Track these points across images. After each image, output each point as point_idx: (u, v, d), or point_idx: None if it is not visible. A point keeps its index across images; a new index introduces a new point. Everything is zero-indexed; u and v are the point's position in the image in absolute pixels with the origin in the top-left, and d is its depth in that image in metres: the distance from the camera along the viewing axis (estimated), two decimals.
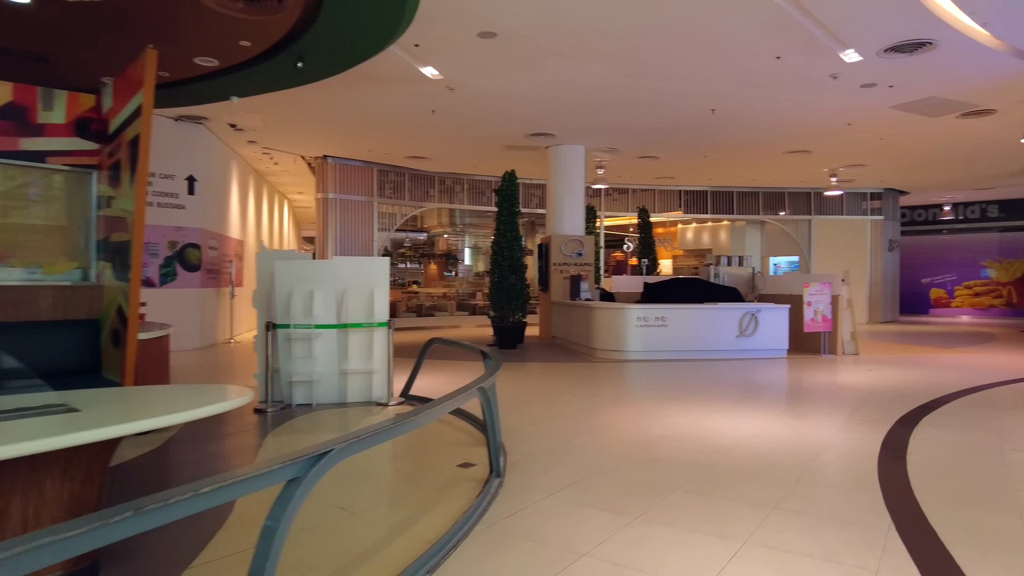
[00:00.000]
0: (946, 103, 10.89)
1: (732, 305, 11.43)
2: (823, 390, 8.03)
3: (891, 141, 13.61)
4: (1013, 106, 11.06)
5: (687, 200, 19.52)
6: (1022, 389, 8.00)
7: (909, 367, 10.02)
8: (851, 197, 19.79)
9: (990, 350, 12.38)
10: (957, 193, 21.08)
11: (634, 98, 10.78)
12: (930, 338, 14.90)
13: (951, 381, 8.51)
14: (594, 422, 6.12)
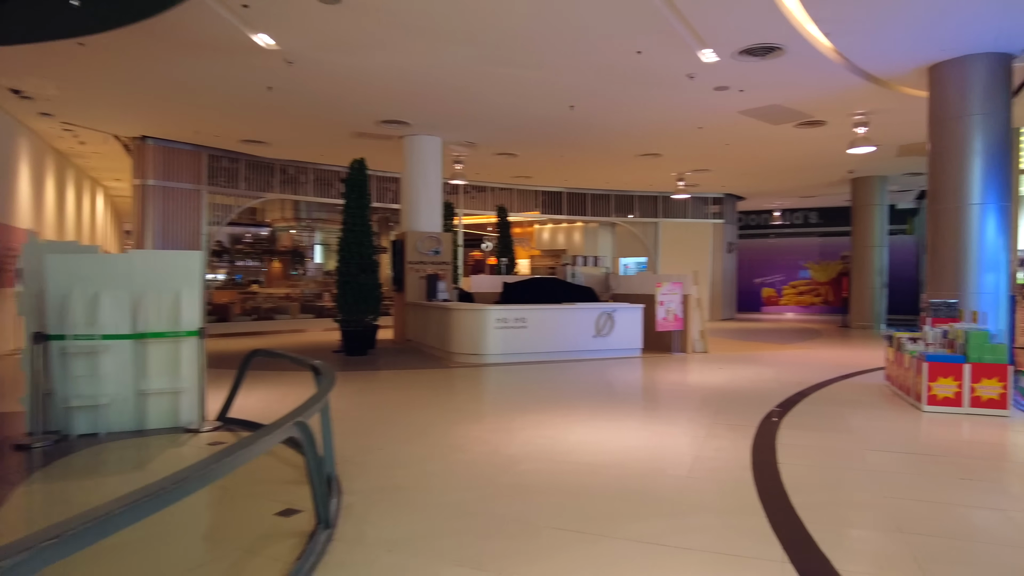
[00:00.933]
0: (786, 112, 11.42)
1: (590, 305, 11.23)
2: (683, 392, 7.90)
3: (735, 147, 14.21)
4: (841, 119, 11.83)
5: (544, 200, 19.43)
6: (854, 384, 8.38)
7: (755, 364, 10.32)
8: (695, 202, 20.76)
9: (818, 345, 13.26)
10: (786, 200, 22.89)
11: (494, 88, 10.19)
12: (766, 334, 15.84)
13: (795, 378, 8.78)
14: (449, 441, 5.37)
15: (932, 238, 9.19)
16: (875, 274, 17.87)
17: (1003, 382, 6.39)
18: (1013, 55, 8.60)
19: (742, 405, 6.97)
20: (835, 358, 11.18)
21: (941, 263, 9.02)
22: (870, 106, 11.04)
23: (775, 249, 24.75)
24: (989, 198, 8.60)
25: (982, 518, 3.65)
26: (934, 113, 9.14)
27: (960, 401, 6.48)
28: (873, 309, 17.81)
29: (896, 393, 7.54)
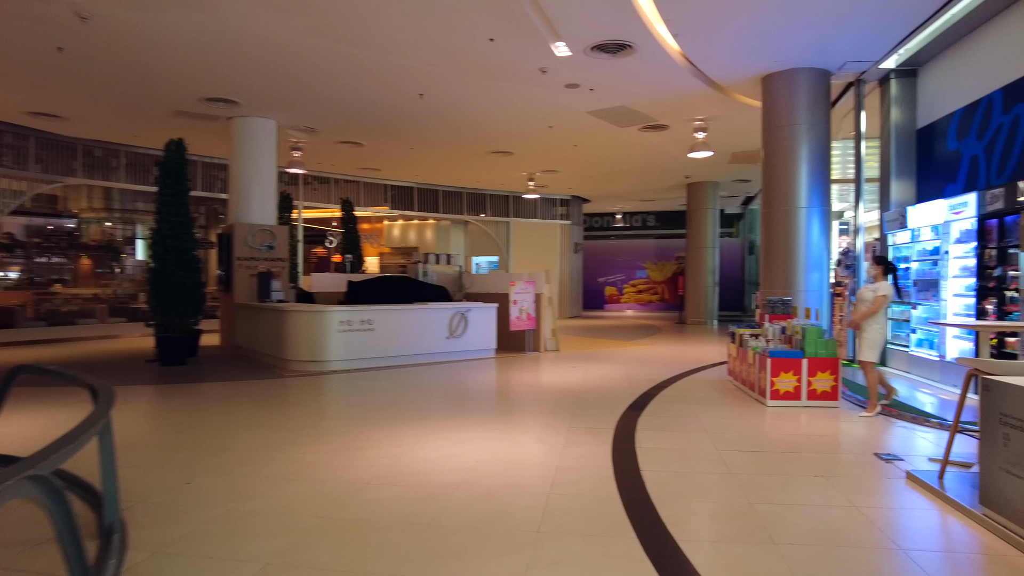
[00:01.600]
0: (633, 114, 11.63)
1: (442, 305, 10.69)
2: (538, 394, 7.59)
3: (583, 148, 14.36)
4: (682, 124, 12.30)
5: (394, 195, 18.57)
6: (699, 380, 8.59)
7: (606, 362, 10.35)
8: (544, 202, 20.97)
9: (660, 341, 13.76)
10: (627, 203, 23.89)
11: (334, 68, 9.29)
12: (612, 331, 16.26)
13: (645, 375, 8.85)
14: (278, 469, 4.56)
15: (765, 239, 9.71)
16: (708, 273, 19.07)
17: (834, 375, 6.74)
18: (831, 72, 9.30)
19: (597, 406, 6.78)
20: (678, 354, 11.57)
21: (773, 262, 9.55)
22: (709, 112, 11.54)
23: (617, 250, 25.78)
24: (814, 202, 9.21)
25: (842, 519, 3.58)
26: (767, 121, 9.66)
27: (799, 395, 6.74)
28: (706, 306, 19.00)
29: (739, 388, 7.78)
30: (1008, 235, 6.78)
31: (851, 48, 8.45)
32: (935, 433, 5.55)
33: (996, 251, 6.90)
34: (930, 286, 8.25)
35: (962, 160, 8.24)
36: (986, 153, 7.74)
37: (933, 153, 9.01)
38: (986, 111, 7.75)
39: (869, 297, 6.37)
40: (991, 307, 7.02)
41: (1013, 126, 7.26)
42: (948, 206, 7.74)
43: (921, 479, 4.17)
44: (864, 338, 6.42)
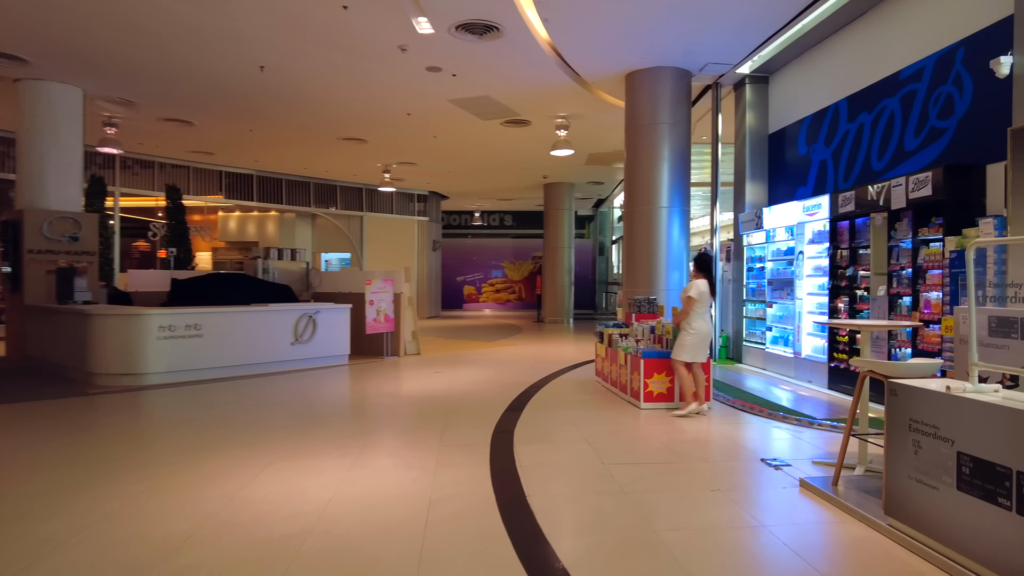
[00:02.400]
0: (496, 106, 11.14)
1: (286, 306, 9.50)
2: (400, 406, 6.80)
3: (444, 140, 13.68)
4: (545, 120, 12.02)
5: (229, 183, 16.67)
6: (568, 382, 8.24)
7: (471, 365, 9.75)
8: (400, 197, 20.02)
9: (523, 341, 13.43)
10: (485, 202, 23.54)
11: (155, 27, 7.83)
12: (472, 331, 15.73)
13: (513, 378, 8.36)
14: (57, 530, 3.42)
15: (628, 238, 9.63)
16: (564, 273, 19.18)
17: (706, 374, 6.62)
18: (692, 73, 9.40)
19: (468, 416, 6.14)
20: (542, 354, 11.26)
21: (636, 261, 9.47)
22: (572, 109, 11.34)
23: (475, 249, 25.39)
24: (675, 202, 9.23)
25: (756, 543, 3.22)
26: (630, 120, 9.57)
27: (672, 396, 6.55)
28: (563, 305, 19.09)
29: (610, 390, 7.51)
30: (858, 236, 7.07)
31: (714, 49, 8.54)
32: (809, 432, 5.53)
33: (848, 251, 7.18)
34: (784, 285, 8.54)
35: (812, 165, 8.61)
36: (834, 158, 8.11)
37: (784, 157, 9.39)
38: (833, 119, 8.13)
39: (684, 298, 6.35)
40: (842, 305, 7.31)
41: (857, 134, 7.63)
42: (802, 208, 8.01)
43: (816, 487, 3.97)
44: (678, 338, 6.37)
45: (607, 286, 24.95)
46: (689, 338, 6.18)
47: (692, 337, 6.18)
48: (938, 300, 5.90)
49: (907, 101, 6.79)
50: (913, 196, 6.07)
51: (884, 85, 7.15)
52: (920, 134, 6.60)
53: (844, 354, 7.20)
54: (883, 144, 7.18)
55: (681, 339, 6.22)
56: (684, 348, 6.19)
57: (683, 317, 6.25)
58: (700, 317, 6.22)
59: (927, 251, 6.01)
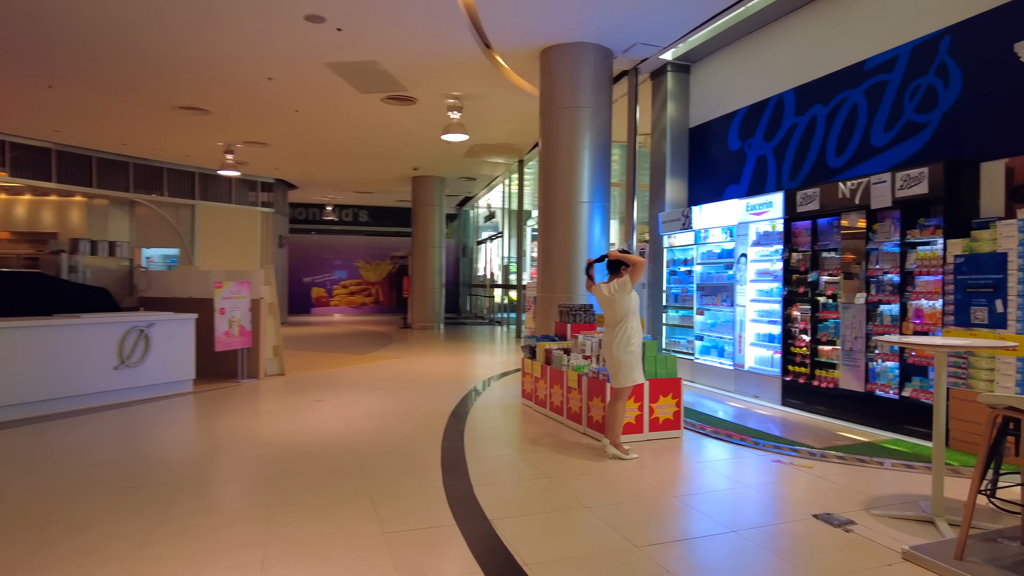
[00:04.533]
0: (382, 76, 9.38)
1: (107, 317, 7.07)
2: (292, 460, 4.93)
3: (307, 116, 11.55)
4: (433, 99, 10.46)
5: (17, 158, 13.04)
6: (494, 409, 6.80)
7: (356, 388, 7.93)
8: (242, 184, 17.23)
9: (401, 352, 11.70)
10: (339, 195, 21.20)
11: None
12: (335, 341, 13.65)
13: (420, 405, 6.75)
14: None
15: (544, 237, 8.41)
16: (435, 274, 17.62)
17: (676, 399, 5.56)
18: (615, 53, 8.40)
19: (397, 474, 4.50)
20: (433, 369, 9.68)
21: (554, 263, 8.28)
22: (470, 88, 9.90)
23: (325, 246, 22.92)
24: (596, 197, 8.19)
25: None
26: (547, 102, 8.35)
27: (641, 426, 5.39)
28: (434, 309, 17.52)
29: (552, 418, 6.19)
30: (822, 238, 6.42)
31: (647, 27, 7.57)
32: (823, 466, 4.61)
33: (809, 255, 6.51)
34: (720, 290, 7.79)
35: (747, 161, 7.97)
36: (776, 154, 7.49)
37: (709, 153, 8.71)
38: (776, 111, 7.51)
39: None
40: (799, 313, 6.63)
41: (808, 127, 7.04)
42: (746, 207, 7.28)
43: (936, 562, 2.96)
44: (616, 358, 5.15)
45: (471, 288, 23.73)
46: (631, 356, 4.92)
47: (634, 354, 4.94)
48: (933, 309, 5.31)
49: (875, 93, 6.24)
50: (902, 194, 5.45)
51: (845, 75, 6.58)
52: (892, 129, 6.06)
53: (802, 367, 6.52)
54: (843, 139, 6.61)
55: (622, 358, 4.84)
56: (634, 368, 4.92)
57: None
58: (638, 328, 5.02)
59: (919, 255, 5.41)
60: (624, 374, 4.88)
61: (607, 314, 5.02)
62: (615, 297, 4.93)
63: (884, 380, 5.69)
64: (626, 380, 4.89)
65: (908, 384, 5.47)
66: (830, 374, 6.22)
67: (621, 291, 4.92)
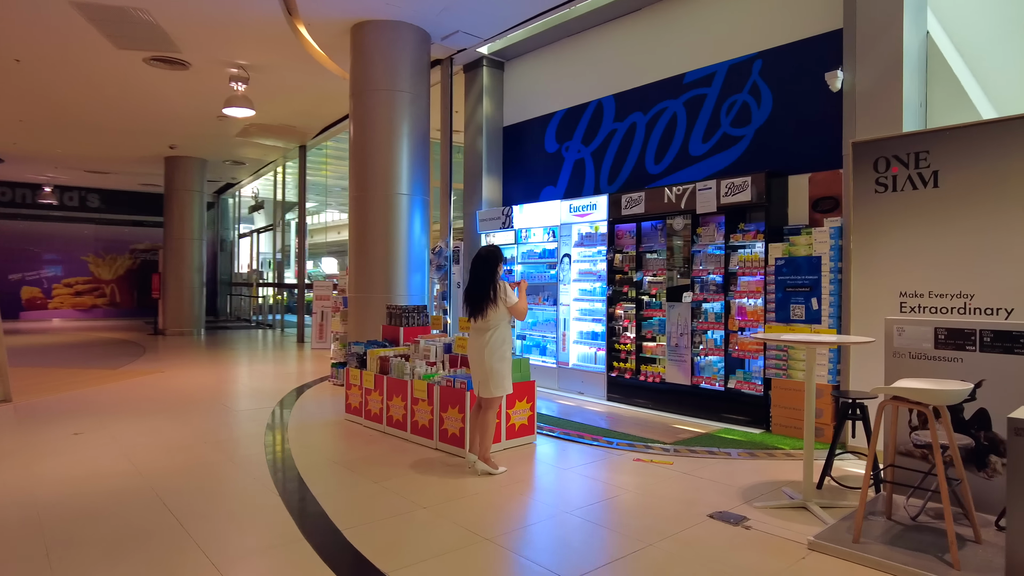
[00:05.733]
0: (150, 30, 7.71)
1: None
2: (44, 537, 3.63)
3: (30, 68, 9.09)
4: (212, 66, 8.96)
5: None
6: (314, 428, 5.91)
7: (121, 415, 6.34)
8: None
9: (161, 363, 9.82)
10: (62, 174, 17.39)
11: None
12: (69, 353, 11.03)
13: (216, 430, 5.61)
14: None
15: (357, 232, 7.68)
16: (194, 272, 15.35)
17: (531, 403, 5.32)
18: (432, 39, 7.96)
19: (239, 527, 3.55)
20: (216, 384, 8.26)
21: (370, 260, 7.61)
22: (259, 57, 8.66)
23: (42, 236, 18.70)
24: (416, 190, 7.69)
25: None
26: (360, 84, 7.65)
27: (498, 434, 5.03)
28: (192, 312, 15.24)
29: (393, 435, 5.54)
30: (646, 240, 6.70)
31: (472, 13, 7.26)
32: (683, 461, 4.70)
33: (633, 256, 6.75)
34: (542, 290, 7.78)
35: (565, 164, 8.07)
36: (595, 158, 7.69)
37: (524, 154, 8.68)
38: (595, 116, 7.71)
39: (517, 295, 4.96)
40: (622, 312, 6.86)
41: (628, 134, 7.33)
42: (569, 207, 7.35)
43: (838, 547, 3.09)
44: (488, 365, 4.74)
45: (231, 287, 21.23)
46: (504, 363, 4.62)
47: (507, 361, 4.64)
48: (755, 307, 5.80)
49: (693, 105, 6.68)
50: (726, 201, 5.88)
51: (665, 86, 6.96)
52: (710, 140, 6.54)
53: (627, 363, 6.75)
54: (662, 147, 6.98)
55: (495, 365, 4.47)
56: (507, 376, 4.62)
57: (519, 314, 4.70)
58: (510, 333, 4.75)
59: (741, 257, 5.87)
60: (496, 383, 4.48)
61: (477, 318, 4.57)
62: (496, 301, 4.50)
63: (709, 373, 6.10)
64: (497, 389, 4.49)
65: (732, 376, 5.92)
66: (655, 369, 6.52)
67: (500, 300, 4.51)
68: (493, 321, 4.51)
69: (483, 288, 4.54)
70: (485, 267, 4.58)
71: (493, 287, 4.52)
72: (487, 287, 4.52)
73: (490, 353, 4.47)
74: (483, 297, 4.52)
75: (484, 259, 4.60)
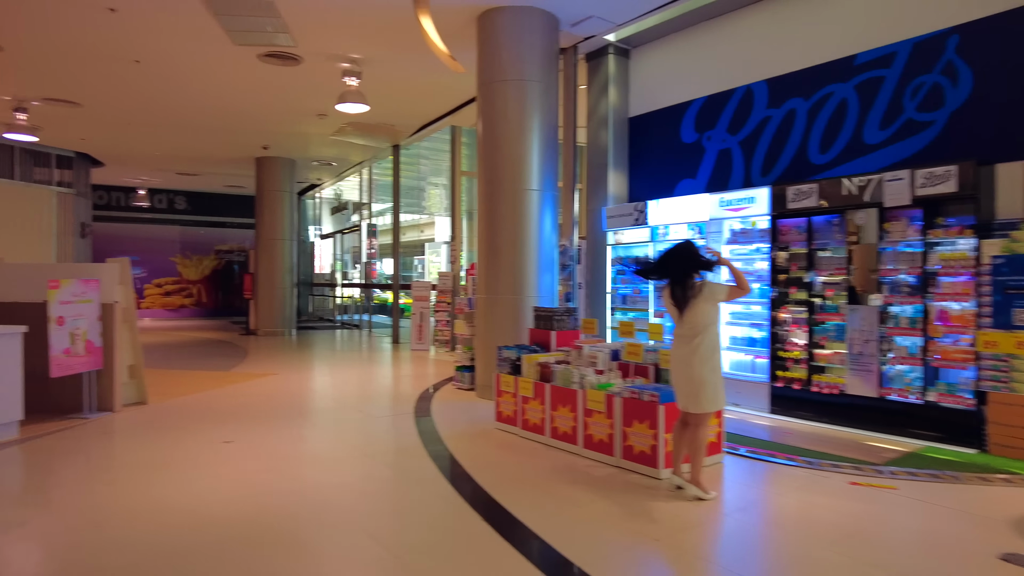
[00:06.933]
0: (271, 24, 7.50)
1: None
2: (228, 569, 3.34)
3: (146, 69, 9.06)
4: (322, 62, 8.73)
5: None
6: (468, 438, 5.54)
7: (261, 421, 6.11)
8: (27, 156, 13.51)
9: (271, 365, 9.69)
10: (155, 176, 17.69)
11: None
12: (175, 354, 11.07)
13: (366, 442, 5.29)
14: None
15: (487, 230, 7.30)
16: (285, 272, 15.35)
17: (719, 418, 4.81)
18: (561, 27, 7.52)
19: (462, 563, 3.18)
20: (335, 388, 8.04)
21: (500, 260, 7.21)
22: (374, 51, 8.38)
23: (135, 238, 19.13)
24: (547, 185, 7.27)
25: None
26: (488, 74, 7.28)
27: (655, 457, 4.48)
28: (284, 313, 15.25)
29: (556, 447, 5.11)
30: (818, 236, 6.10)
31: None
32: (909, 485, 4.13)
33: (805, 254, 6.15)
34: None
35: (706, 155, 7.52)
36: (744, 148, 7.12)
37: (654, 145, 8.16)
38: (744, 103, 7.13)
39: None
40: (789, 315, 6.27)
41: (785, 121, 6.73)
42: (719, 201, 6.80)
43: None
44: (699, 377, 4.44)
45: (311, 288, 21.33)
46: (716, 374, 4.10)
47: (719, 372, 4.14)
48: (963, 311, 5.15)
49: (868, 88, 6.05)
50: (923, 192, 5.24)
51: (830, 69, 6.34)
52: (890, 126, 5.89)
53: (796, 372, 6.16)
54: (828, 135, 6.36)
55: (707, 376, 4.01)
56: (720, 388, 4.15)
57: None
58: (720, 340, 4.26)
59: (943, 255, 5.23)
60: (708, 396, 4.01)
61: (682, 323, 4.11)
62: (696, 303, 4.04)
63: (900, 384, 5.47)
64: (710, 404, 4.02)
65: (931, 388, 5.28)
66: (830, 379, 5.92)
67: (708, 297, 4.05)
68: (701, 325, 4.04)
69: (684, 289, 4.09)
70: (683, 264, 4.12)
71: (693, 287, 4.06)
72: (688, 287, 4.07)
73: (701, 362, 4.00)
74: (685, 299, 4.08)
75: (680, 256, 4.14)
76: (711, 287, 4.11)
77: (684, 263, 4.12)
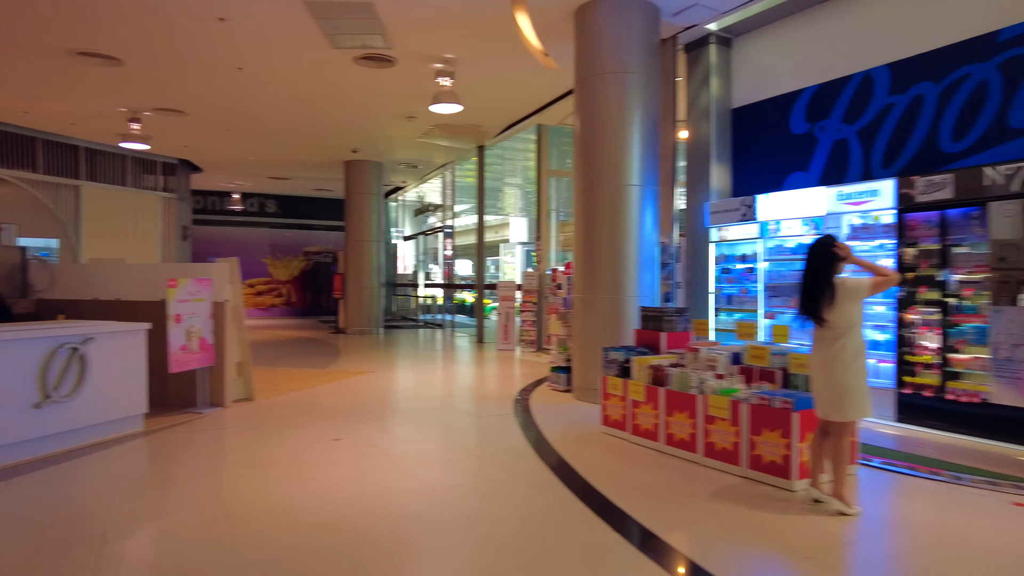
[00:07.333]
0: (369, 26, 7.58)
1: (18, 331, 4.87)
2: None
3: (248, 77, 9.38)
4: (414, 63, 8.77)
5: None
6: (575, 441, 5.37)
7: (367, 419, 6.16)
8: (136, 164, 14.31)
9: (366, 362, 9.84)
10: (248, 180, 18.47)
11: None
12: (273, 352, 11.44)
13: (474, 442, 5.21)
14: None
15: (585, 227, 7.11)
16: (373, 272, 15.66)
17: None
18: (662, 17, 7.25)
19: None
20: (432, 386, 8.06)
21: (596, 258, 7.01)
22: (467, 50, 8.35)
23: (230, 241, 20.00)
24: (648, 180, 7.01)
25: None
26: (586, 67, 7.09)
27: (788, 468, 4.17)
28: (372, 312, 15.56)
29: (670, 454, 4.88)
30: (952, 231, 5.60)
31: None
32: None
33: (938, 250, 5.67)
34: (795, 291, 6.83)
35: (819, 146, 7.08)
36: (863, 138, 6.65)
37: (759, 137, 7.77)
38: (863, 90, 6.66)
39: None
40: (918, 317, 5.79)
41: (912, 108, 6.23)
42: (836, 194, 6.37)
43: None
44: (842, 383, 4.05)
45: (394, 288, 21.75)
46: (860, 379, 3.75)
47: (863, 377, 3.81)
48: None
49: (1014, 68, 5.50)
50: None
51: (967, 48, 5.81)
52: None
53: (927, 379, 5.68)
54: (963, 120, 5.84)
55: (850, 381, 3.67)
56: (864, 395, 3.80)
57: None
58: (864, 343, 3.91)
59: None
60: (852, 403, 3.69)
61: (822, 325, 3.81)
62: (837, 302, 3.74)
63: None
64: (854, 412, 3.70)
65: None
66: (969, 386, 5.41)
67: (849, 295, 3.74)
68: (844, 326, 3.73)
69: (819, 288, 3.79)
70: (819, 263, 3.83)
71: (831, 286, 3.76)
72: (823, 286, 3.77)
73: (843, 367, 3.69)
74: (820, 299, 3.78)
75: (816, 254, 3.85)
76: (853, 282, 3.79)
77: (819, 264, 3.83)
